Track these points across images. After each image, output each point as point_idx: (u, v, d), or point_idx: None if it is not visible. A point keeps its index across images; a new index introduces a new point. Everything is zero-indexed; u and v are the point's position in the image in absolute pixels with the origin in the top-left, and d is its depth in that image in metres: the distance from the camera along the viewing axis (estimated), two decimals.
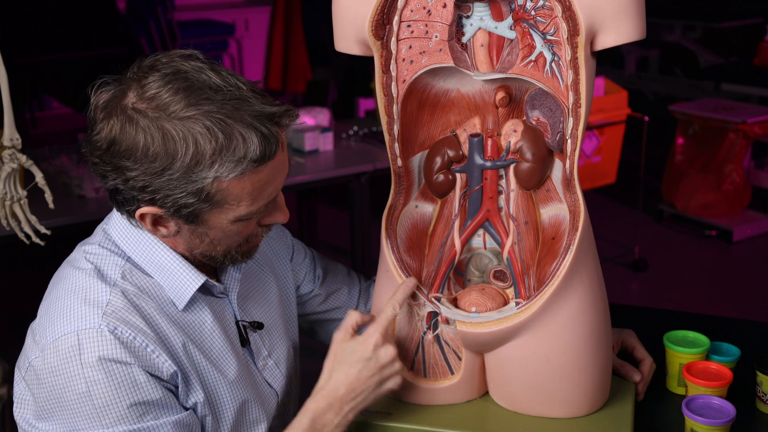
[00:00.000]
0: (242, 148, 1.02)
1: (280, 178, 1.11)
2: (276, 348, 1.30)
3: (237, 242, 1.15)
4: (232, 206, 1.08)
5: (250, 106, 1.04)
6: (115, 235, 1.17)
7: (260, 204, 1.10)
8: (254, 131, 1.03)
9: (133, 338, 1.08)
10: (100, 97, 1.06)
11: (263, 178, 1.07)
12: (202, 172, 1.03)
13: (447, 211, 1.30)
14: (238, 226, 1.11)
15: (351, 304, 1.49)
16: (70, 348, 1.06)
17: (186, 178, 1.03)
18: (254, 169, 1.05)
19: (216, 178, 1.03)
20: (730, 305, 3.55)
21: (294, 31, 6.11)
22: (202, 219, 1.09)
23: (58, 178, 2.60)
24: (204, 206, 1.07)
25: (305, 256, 1.46)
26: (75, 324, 1.07)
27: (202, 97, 1.02)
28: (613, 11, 1.10)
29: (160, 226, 1.12)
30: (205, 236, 1.13)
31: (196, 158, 1.02)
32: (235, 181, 1.05)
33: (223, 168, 1.03)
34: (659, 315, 1.76)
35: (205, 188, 1.04)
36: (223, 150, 1.02)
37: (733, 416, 1.20)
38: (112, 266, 1.14)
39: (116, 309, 1.09)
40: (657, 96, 6.27)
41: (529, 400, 1.25)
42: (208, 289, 1.20)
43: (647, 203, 4.30)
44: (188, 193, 1.04)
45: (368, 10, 1.17)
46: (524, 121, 1.25)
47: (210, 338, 1.18)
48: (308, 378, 1.37)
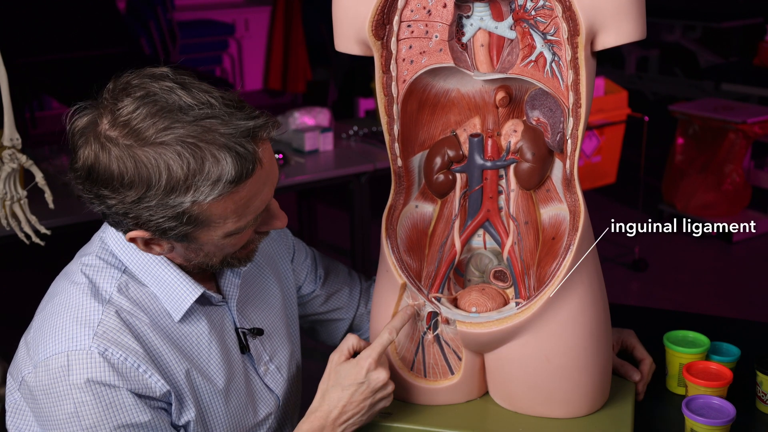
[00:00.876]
0: (216, 171, 1.00)
1: (265, 191, 1.08)
2: (278, 352, 1.30)
3: (233, 250, 1.14)
4: (218, 224, 1.06)
5: (223, 124, 1.01)
6: (112, 245, 1.17)
7: (248, 218, 1.08)
8: (227, 151, 1.00)
9: (124, 359, 1.07)
10: (77, 123, 1.04)
11: (244, 196, 1.04)
12: (179, 197, 1.01)
13: (447, 211, 1.30)
14: (231, 239, 1.10)
15: (352, 305, 1.49)
16: (59, 368, 1.06)
17: (163, 204, 1.01)
18: (232, 190, 1.02)
19: (194, 202, 1.01)
20: (730, 305, 3.55)
21: (294, 31, 6.11)
22: (192, 237, 1.08)
23: (58, 178, 2.59)
24: (188, 228, 1.05)
25: (306, 256, 1.45)
26: (65, 344, 1.07)
27: (174, 121, 1.00)
28: (613, 11, 1.10)
29: (153, 245, 1.11)
30: (199, 251, 1.12)
31: (171, 185, 1.00)
32: (214, 203, 1.03)
33: (199, 192, 1.00)
34: (659, 315, 1.76)
35: (186, 212, 1.02)
36: (197, 174, 0.99)
37: (733, 416, 1.20)
38: (108, 279, 1.14)
39: (107, 329, 1.09)
40: (657, 96, 6.27)
41: (529, 400, 1.25)
42: (206, 298, 1.20)
43: (647, 203, 4.29)
44: (169, 217, 1.03)
45: (368, 10, 1.17)
46: (524, 121, 1.25)
47: (207, 350, 1.18)
48: (308, 379, 1.37)
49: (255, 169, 1.03)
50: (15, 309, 3.48)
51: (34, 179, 1.79)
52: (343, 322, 1.49)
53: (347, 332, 1.52)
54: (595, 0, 1.09)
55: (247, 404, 1.23)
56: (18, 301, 3.67)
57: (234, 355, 1.22)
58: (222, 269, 1.21)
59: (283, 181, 2.79)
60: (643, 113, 3.74)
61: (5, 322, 3.37)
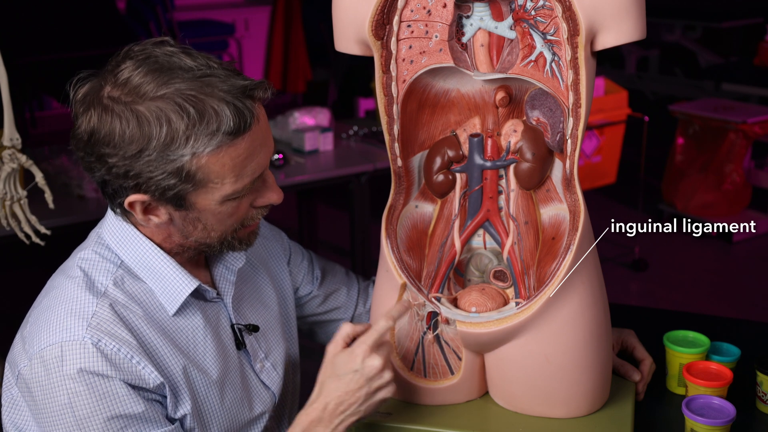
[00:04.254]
0: (215, 122, 1.03)
1: (262, 155, 1.10)
2: (273, 350, 1.30)
3: (232, 226, 1.15)
4: (216, 185, 1.07)
5: (222, 82, 1.05)
6: (108, 239, 1.17)
7: (245, 181, 1.09)
8: (227, 105, 1.03)
9: (117, 350, 1.08)
10: (79, 91, 1.08)
11: (242, 152, 1.06)
12: (179, 150, 1.03)
13: (447, 211, 1.30)
14: (227, 207, 1.11)
15: (350, 305, 1.49)
16: (53, 359, 1.07)
17: (164, 157, 1.03)
18: (231, 143, 1.05)
19: (194, 155, 1.03)
20: (730, 305, 3.55)
21: (294, 31, 6.11)
22: (189, 202, 1.09)
23: (58, 178, 2.60)
24: (187, 187, 1.06)
25: (303, 257, 1.46)
26: (60, 335, 1.08)
27: (173, 77, 1.03)
28: (613, 11, 1.10)
29: (151, 215, 1.11)
30: (197, 222, 1.12)
31: (171, 136, 1.02)
32: (213, 157, 1.04)
33: (198, 143, 1.03)
34: (659, 315, 1.75)
35: (185, 167, 1.04)
36: (196, 125, 1.02)
37: (733, 416, 1.20)
38: (103, 273, 1.14)
39: (101, 321, 1.09)
40: (657, 96, 6.27)
41: (529, 400, 1.25)
42: (201, 293, 1.20)
43: (647, 203, 4.29)
44: (168, 173, 1.04)
45: (368, 10, 1.17)
46: (524, 121, 1.25)
47: (202, 344, 1.18)
48: (308, 379, 1.37)
49: (252, 124, 1.06)
50: (15, 309, 3.47)
51: (34, 179, 1.79)
52: (341, 322, 1.49)
53: None
54: (595, 0, 1.09)
55: (242, 399, 1.23)
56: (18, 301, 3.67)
57: (229, 350, 1.23)
58: (222, 252, 1.20)
59: (283, 181, 2.79)
60: (643, 113, 3.74)
61: (5, 322, 3.37)
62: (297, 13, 6.10)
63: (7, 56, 1.71)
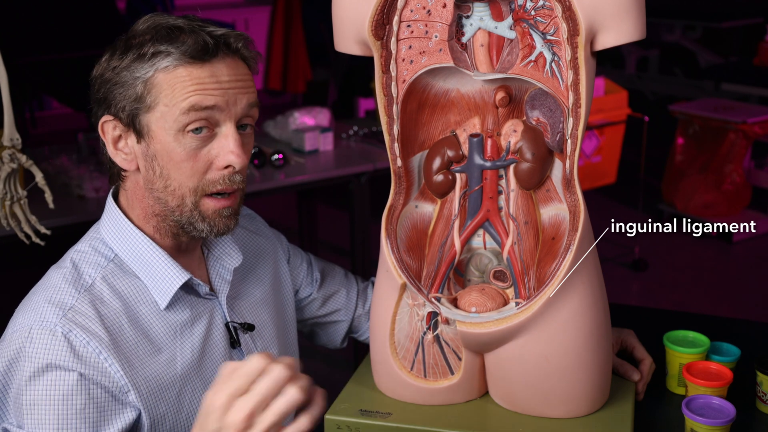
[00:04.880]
0: (178, 42, 1.10)
1: (220, 95, 1.11)
2: (269, 350, 1.30)
3: (189, 180, 1.13)
4: (166, 107, 1.10)
5: (206, 25, 1.14)
6: (104, 232, 1.19)
7: (191, 104, 1.09)
8: (195, 34, 1.11)
9: (86, 343, 1.08)
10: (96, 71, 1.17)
11: (195, 77, 1.10)
12: (143, 67, 1.10)
13: (447, 211, 1.30)
14: (181, 145, 1.11)
15: (350, 306, 1.49)
16: (21, 341, 1.08)
17: (130, 74, 1.11)
18: (186, 64, 1.10)
19: (153, 73, 1.10)
20: (730, 305, 3.55)
21: (294, 31, 6.11)
22: (145, 127, 1.12)
23: (58, 178, 2.60)
24: (141, 106, 1.11)
25: (302, 260, 1.46)
26: (33, 318, 1.09)
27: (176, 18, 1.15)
28: (613, 11, 1.10)
29: (119, 150, 1.15)
30: (155, 161, 1.13)
31: (140, 51, 1.11)
32: (166, 75, 1.10)
33: (157, 58, 1.10)
34: (659, 315, 1.76)
35: (144, 83, 1.10)
36: (162, 42, 1.10)
37: (733, 416, 1.20)
38: (93, 266, 1.15)
39: (77, 314, 1.10)
40: (657, 96, 6.27)
41: (529, 400, 1.25)
42: (194, 289, 1.20)
43: (647, 203, 4.30)
44: (131, 90, 1.11)
45: (368, 10, 1.17)
46: (524, 121, 1.25)
47: (183, 339, 1.18)
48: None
49: (215, 57, 1.11)
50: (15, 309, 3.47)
51: (34, 179, 1.78)
52: (342, 324, 1.50)
53: (347, 333, 1.52)
54: (595, 0, 1.09)
55: None
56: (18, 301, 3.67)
57: (219, 349, 1.22)
58: (218, 255, 1.21)
59: (283, 181, 2.79)
60: (643, 113, 3.74)
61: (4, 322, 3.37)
62: (297, 13, 6.10)
63: (7, 56, 1.70)
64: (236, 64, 1.14)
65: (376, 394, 1.33)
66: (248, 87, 1.15)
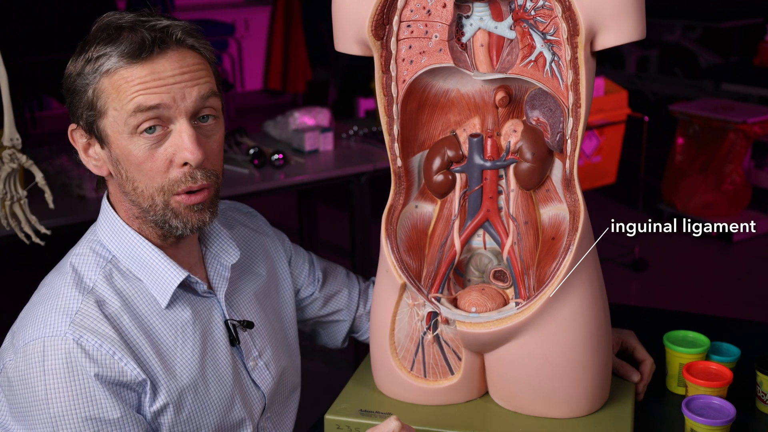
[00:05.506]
0: (117, 43, 1.08)
1: (164, 91, 1.09)
2: (267, 349, 1.30)
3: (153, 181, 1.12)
4: (115, 111, 1.09)
5: (155, 19, 1.11)
6: (101, 234, 1.19)
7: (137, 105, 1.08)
8: (135, 32, 1.08)
9: (99, 346, 1.08)
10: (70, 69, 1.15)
11: (136, 77, 1.08)
12: (90, 74, 1.09)
13: (447, 211, 1.30)
14: (137, 147, 1.10)
15: (351, 307, 1.49)
16: (35, 354, 1.07)
17: (81, 80, 1.10)
18: (126, 65, 1.08)
19: (101, 75, 1.09)
20: (730, 305, 3.55)
21: (294, 31, 6.11)
22: (103, 134, 1.12)
23: (58, 178, 2.60)
24: (94, 113, 1.11)
25: (304, 259, 1.46)
26: (42, 330, 1.08)
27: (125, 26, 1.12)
28: (613, 11, 1.10)
29: (89, 157, 1.16)
30: (119, 166, 1.12)
31: (87, 56, 1.10)
32: (109, 79, 1.08)
33: (99, 62, 1.09)
34: (659, 315, 1.75)
35: (91, 90, 1.10)
36: (104, 45, 1.09)
37: (733, 416, 1.20)
38: (93, 268, 1.15)
39: (85, 317, 1.10)
40: (657, 96, 6.27)
41: (529, 400, 1.25)
42: (192, 287, 1.20)
43: (647, 203, 4.30)
44: (83, 97, 1.11)
45: (368, 10, 1.17)
46: (524, 121, 1.25)
47: (191, 339, 1.18)
48: (308, 379, 1.37)
49: (154, 52, 1.08)
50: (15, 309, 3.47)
51: (34, 179, 1.78)
52: (343, 323, 1.49)
53: (348, 333, 1.52)
54: (595, 0, 1.09)
55: (232, 398, 1.22)
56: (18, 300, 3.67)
57: (220, 347, 1.22)
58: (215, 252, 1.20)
59: (283, 181, 2.79)
60: (643, 113, 3.74)
61: (5, 322, 3.37)
62: (297, 13, 6.10)
63: (7, 56, 1.70)
64: (182, 56, 1.10)
65: (376, 394, 1.33)
66: (198, 78, 1.11)
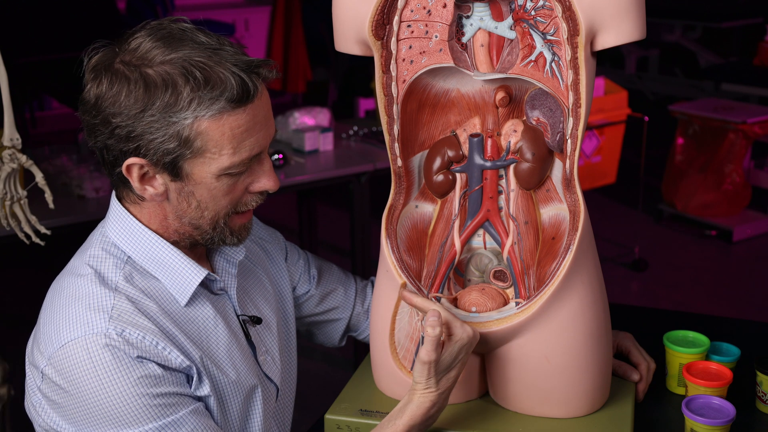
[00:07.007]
0: (219, 88, 1.05)
1: (262, 134, 1.12)
2: (273, 345, 1.31)
3: (225, 208, 1.14)
4: (213, 155, 1.08)
5: (230, 55, 1.08)
6: (113, 236, 1.17)
7: (243, 156, 1.10)
8: (232, 74, 1.06)
9: (142, 338, 1.08)
10: (92, 59, 1.10)
11: (242, 124, 1.08)
12: (181, 113, 1.05)
13: (447, 211, 1.30)
14: (223, 183, 1.11)
15: (347, 305, 1.49)
16: (78, 354, 1.06)
17: (165, 119, 1.05)
18: (232, 111, 1.07)
19: (195, 119, 1.05)
20: (730, 305, 3.55)
21: (294, 31, 6.11)
22: (185, 172, 1.10)
23: (58, 178, 2.60)
24: (186, 153, 1.07)
25: (299, 256, 1.46)
26: (82, 330, 1.07)
27: (184, 46, 1.07)
28: (613, 11, 1.10)
29: (147, 185, 1.12)
30: (191, 197, 1.12)
31: (174, 97, 1.05)
32: (213, 123, 1.06)
33: (201, 107, 1.05)
34: (659, 315, 1.76)
35: (185, 130, 1.06)
36: (201, 89, 1.05)
37: (733, 416, 1.20)
38: (112, 269, 1.14)
39: (122, 312, 1.09)
40: (657, 96, 6.27)
41: (529, 400, 1.25)
42: (208, 285, 1.21)
43: (647, 203, 4.30)
44: (169, 135, 1.06)
45: (368, 10, 1.17)
46: (524, 121, 1.25)
47: (214, 333, 1.19)
48: (308, 378, 1.37)
49: (255, 97, 1.09)
50: (15, 309, 3.48)
51: (34, 179, 1.78)
52: (340, 322, 1.50)
53: (345, 332, 1.52)
54: (595, 0, 1.09)
55: (253, 389, 1.23)
56: (18, 301, 3.68)
57: (241, 341, 1.23)
58: (215, 243, 1.20)
59: (283, 181, 2.79)
60: (643, 113, 3.74)
61: (5, 322, 3.37)
62: (297, 13, 6.10)
63: (7, 56, 1.71)
64: (266, 95, 1.13)
65: (376, 394, 1.33)
66: (270, 110, 1.16)
